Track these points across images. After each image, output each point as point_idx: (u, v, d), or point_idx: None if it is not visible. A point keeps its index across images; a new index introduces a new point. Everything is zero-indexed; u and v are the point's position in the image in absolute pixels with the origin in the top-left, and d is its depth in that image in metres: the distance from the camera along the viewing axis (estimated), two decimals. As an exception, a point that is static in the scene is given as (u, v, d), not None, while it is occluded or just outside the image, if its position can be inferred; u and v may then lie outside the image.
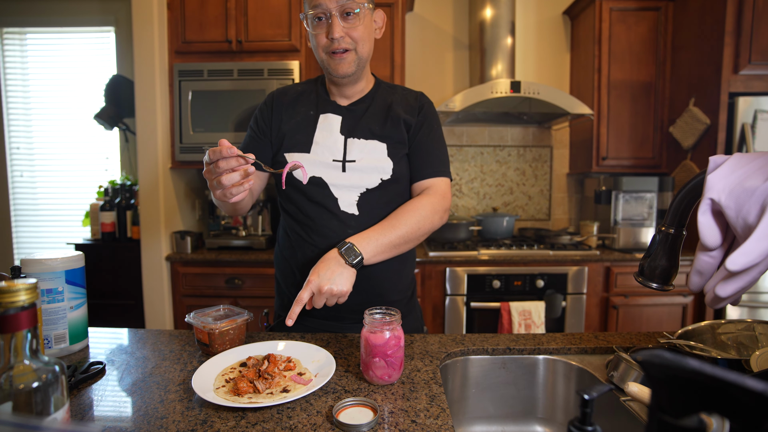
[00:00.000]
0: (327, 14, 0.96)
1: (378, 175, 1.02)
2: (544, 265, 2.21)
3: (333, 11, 0.95)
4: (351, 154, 1.02)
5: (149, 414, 0.66)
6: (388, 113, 1.06)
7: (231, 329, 0.88)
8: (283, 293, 1.13)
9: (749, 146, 2.13)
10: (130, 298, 2.44)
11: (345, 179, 1.01)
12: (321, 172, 1.02)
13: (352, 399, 0.68)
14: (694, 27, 2.34)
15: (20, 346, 0.43)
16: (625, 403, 0.75)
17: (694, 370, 0.25)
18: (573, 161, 2.84)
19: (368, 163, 1.02)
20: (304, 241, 1.04)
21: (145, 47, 2.20)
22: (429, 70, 2.86)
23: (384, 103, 1.08)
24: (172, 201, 2.39)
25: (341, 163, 1.02)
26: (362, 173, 1.02)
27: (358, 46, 0.99)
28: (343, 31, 0.96)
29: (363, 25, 0.98)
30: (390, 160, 1.03)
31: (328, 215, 1.02)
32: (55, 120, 3.02)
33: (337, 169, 1.02)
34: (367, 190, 1.02)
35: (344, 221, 1.01)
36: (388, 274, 1.05)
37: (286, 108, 1.09)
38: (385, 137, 1.04)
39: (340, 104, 1.08)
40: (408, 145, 1.07)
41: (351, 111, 1.07)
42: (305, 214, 1.04)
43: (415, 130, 1.07)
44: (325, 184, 1.01)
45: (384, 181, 1.02)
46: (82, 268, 0.91)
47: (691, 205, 0.58)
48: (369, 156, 1.02)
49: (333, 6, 0.95)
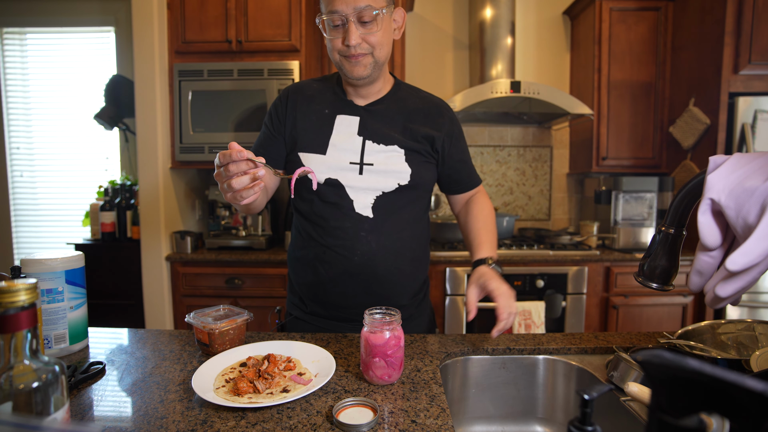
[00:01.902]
0: (344, 20, 0.93)
1: (395, 179, 1.01)
2: (544, 265, 2.21)
3: (350, 17, 0.92)
4: (369, 158, 1.01)
5: (149, 414, 0.66)
6: (408, 122, 1.05)
7: (231, 329, 0.88)
8: (295, 291, 1.13)
9: (749, 146, 2.13)
10: (130, 298, 2.44)
11: (362, 181, 1.00)
12: (337, 174, 1.00)
13: (352, 399, 0.68)
14: (694, 27, 2.34)
15: (20, 346, 0.43)
16: (625, 403, 0.75)
17: (694, 370, 0.25)
18: (573, 161, 2.84)
19: (386, 167, 1.01)
20: (316, 241, 1.03)
21: (145, 47, 2.20)
22: (429, 70, 2.85)
23: (404, 107, 1.07)
24: (172, 201, 2.39)
25: (359, 165, 1.01)
26: (379, 176, 1.01)
27: (375, 50, 0.97)
28: (360, 37, 0.94)
29: (381, 30, 0.95)
30: (408, 165, 1.02)
31: (342, 217, 1.01)
32: (55, 120, 3.02)
33: (353, 172, 1.00)
34: (384, 193, 1.01)
35: (358, 223, 1.00)
36: (400, 277, 1.04)
37: (301, 105, 1.06)
38: (404, 144, 1.03)
39: (357, 104, 1.05)
40: (435, 158, 1.08)
41: (369, 111, 1.05)
42: (318, 214, 1.03)
43: (446, 146, 1.08)
44: (341, 186, 1.00)
45: (401, 186, 1.01)
46: (82, 268, 0.91)
47: (691, 205, 0.58)
48: (387, 161, 1.01)
49: (350, 12, 0.92)
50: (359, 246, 1.00)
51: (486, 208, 1.14)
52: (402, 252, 1.04)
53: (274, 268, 2.23)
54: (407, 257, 1.05)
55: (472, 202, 1.16)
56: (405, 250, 1.04)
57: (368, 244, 1.00)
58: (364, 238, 1.00)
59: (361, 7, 0.91)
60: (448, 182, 1.15)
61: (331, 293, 1.04)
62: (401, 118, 1.05)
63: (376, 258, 1.00)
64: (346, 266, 1.00)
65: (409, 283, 1.07)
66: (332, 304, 1.05)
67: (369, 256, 1.00)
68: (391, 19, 0.99)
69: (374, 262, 1.00)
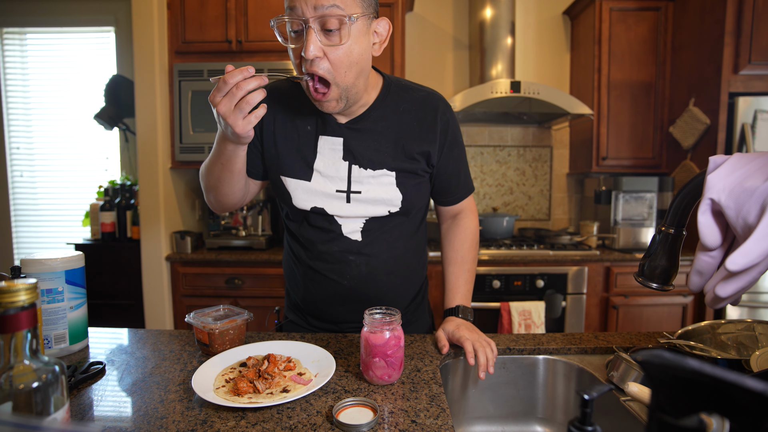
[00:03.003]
0: (302, 24, 0.75)
1: (385, 207, 0.93)
2: (544, 265, 2.21)
3: (310, 22, 0.74)
4: (356, 185, 0.92)
5: (149, 414, 0.66)
6: (399, 136, 0.92)
7: (231, 329, 0.88)
8: (291, 296, 1.12)
9: (749, 146, 2.13)
10: (130, 298, 2.44)
11: (349, 210, 0.93)
12: (323, 203, 0.92)
13: (352, 399, 0.68)
14: (694, 27, 2.34)
15: (20, 346, 0.43)
16: (625, 403, 0.75)
17: (694, 370, 0.25)
18: (573, 161, 2.84)
19: (375, 195, 0.92)
20: (304, 263, 0.99)
21: (145, 47, 2.20)
22: (429, 70, 2.85)
23: (393, 119, 0.93)
24: (172, 201, 2.39)
25: (345, 194, 0.92)
26: (368, 205, 0.93)
27: (337, 75, 0.78)
28: (320, 50, 0.76)
29: (349, 44, 0.77)
30: (398, 191, 0.93)
31: (330, 241, 0.95)
32: (55, 120, 3.02)
33: (340, 200, 0.92)
34: (373, 217, 0.94)
35: (346, 247, 0.95)
36: (394, 295, 1.01)
37: (281, 119, 0.94)
38: (394, 166, 0.92)
39: (339, 122, 0.92)
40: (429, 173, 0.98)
41: (352, 130, 0.92)
42: (306, 237, 0.97)
43: (443, 156, 0.97)
44: (328, 213, 0.94)
45: (392, 213, 0.94)
46: (82, 268, 0.91)
47: (691, 205, 0.58)
48: (376, 187, 0.92)
49: (310, 14, 0.73)
50: (348, 270, 0.95)
51: (468, 240, 1.05)
52: (395, 270, 0.99)
53: (274, 268, 2.23)
54: (401, 274, 1.01)
55: (456, 228, 1.06)
56: (398, 267, 1.00)
57: (358, 268, 0.95)
58: (353, 262, 0.95)
59: (324, 7, 0.73)
60: (437, 192, 1.04)
61: (323, 311, 1.02)
62: (391, 133, 0.92)
63: (366, 281, 0.96)
64: (337, 289, 0.97)
65: (403, 296, 1.04)
66: (326, 319, 1.04)
67: (359, 279, 0.96)
68: (368, 32, 0.81)
69: (365, 285, 0.97)
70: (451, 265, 1.04)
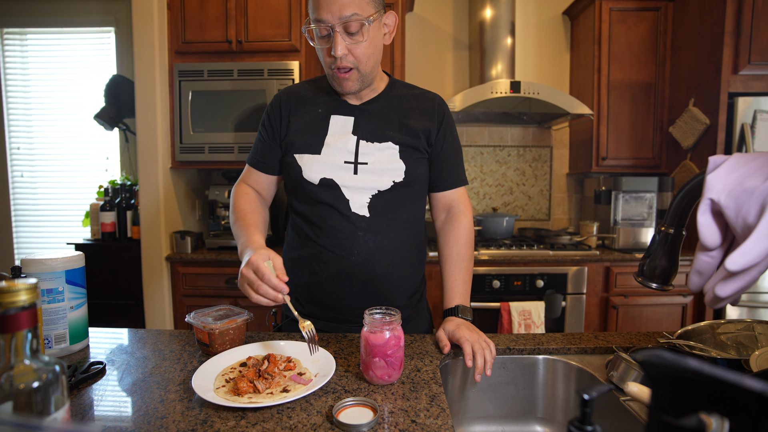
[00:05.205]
0: (330, 30, 0.91)
1: (390, 177, 1.01)
2: (544, 265, 2.21)
3: (336, 27, 0.90)
4: (363, 157, 1.01)
5: (149, 414, 0.66)
6: (403, 118, 1.05)
7: (231, 329, 0.88)
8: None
9: (749, 146, 2.14)
10: (130, 298, 2.44)
11: (357, 181, 1.00)
12: (332, 174, 1.00)
13: (352, 399, 0.68)
14: (693, 27, 2.34)
15: (20, 346, 0.43)
16: (625, 403, 0.75)
17: (693, 370, 0.25)
18: (573, 161, 2.84)
19: (380, 165, 1.00)
20: (313, 241, 1.03)
21: (145, 47, 2.20)
22: (429, 70, 2.86)
23: (398, 104, 1.06)
24: (172, 201, 2.39)
25: (353, 164, 1.01)
26: (374, 175, 1.00)
27: (360, 65, 0.96)
28: (345, 48, 0.92)
29: (368, 40, 0.93)
30: (402, 162, 1.02)
31: (339, 216, 1.00)
32: (56, 120, 3.02)
33: (348, 171, 1.00)
34: (379, 192, 1.01)
35: (354, 223, 1.00)
36: (397, 278, 1.04)
37: (294, 108, 1.07)
38: (398, 141, 1.02)
39: (351, 104, 1.05)
40: (428, 153, 1.06)
41: (363, 111, 1.05)
42: (315, 214, 1.03)
43: (439, 139, 1.07)
44: (337, 186, 1.00)
45: (396, 184, 1.01)
46: (82, 268, 0.91)
47: (691, 205, 0.58)
48: (381, 159, 1.01)
49: (335, 21, 0.89)
50: (356, 246, 1.00)
51: (463, 236, 1.09)
52: (400, 252, 1.03)
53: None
54: (405, 257, 1.05)
55: (451, 225, 1.10)
56: (403, 249, 1.04)
57: (365, 244, 1.00)
58: (362, 238, 1.00)
59: (346, 16, 0.89)
60: (432, 179, 1.10)
61: (328, 294, 1.04)
62: (396, 115, 1.05)
63: (373, 258, 1.00)
64: (344, 266, 1.00)
65: (406, 284, 1.07)
66: (328, 305, 1.05)
67: (366, 255, 1.00)
68: (380, 26, 0.97)
69: (371, 262, 1.00)
70: (448, 263, 1.08)
